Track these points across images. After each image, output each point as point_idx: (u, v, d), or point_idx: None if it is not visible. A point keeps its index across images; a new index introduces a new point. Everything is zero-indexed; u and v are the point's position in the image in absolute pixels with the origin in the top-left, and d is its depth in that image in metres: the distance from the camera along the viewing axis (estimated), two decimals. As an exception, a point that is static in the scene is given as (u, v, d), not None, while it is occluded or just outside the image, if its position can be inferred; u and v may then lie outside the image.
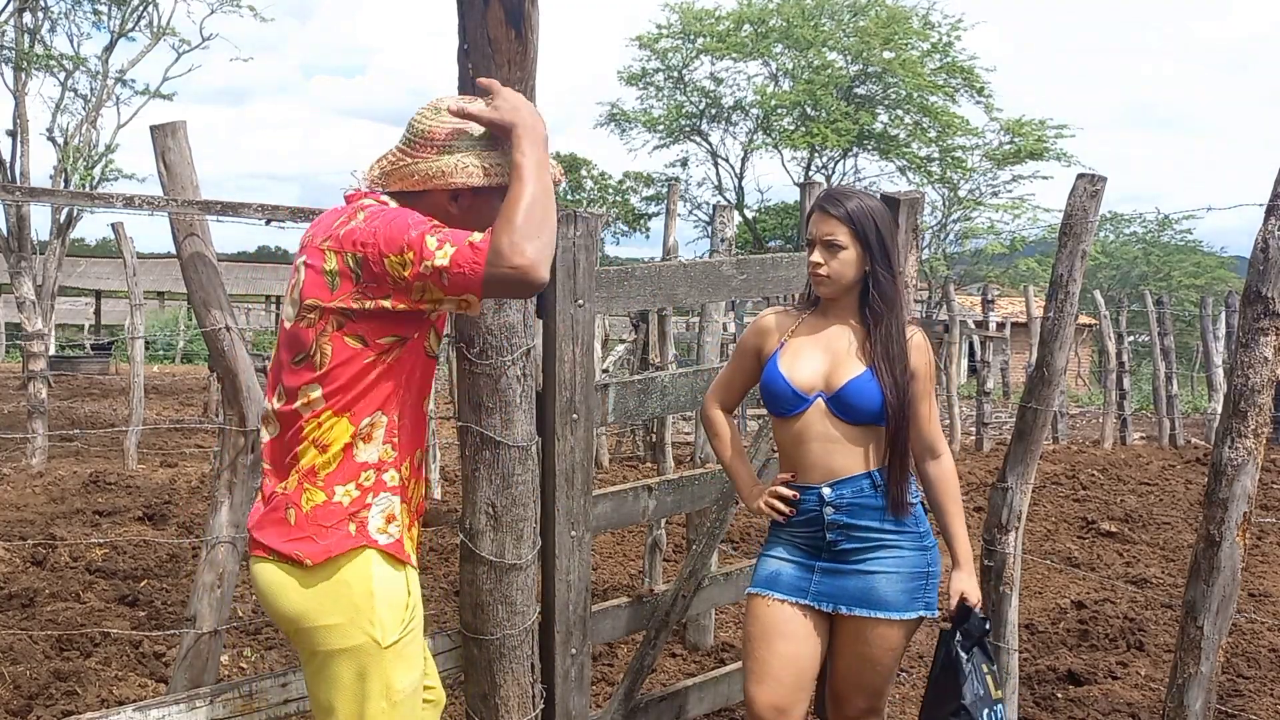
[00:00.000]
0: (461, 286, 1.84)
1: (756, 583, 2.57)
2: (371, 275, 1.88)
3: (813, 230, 2.50)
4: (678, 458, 8.61)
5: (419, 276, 1.85)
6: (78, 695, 3.82)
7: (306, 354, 1.97)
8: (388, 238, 1.85)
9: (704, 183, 29.77)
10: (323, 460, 1.97)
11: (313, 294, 1.95)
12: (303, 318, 1.96)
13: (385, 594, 1.98)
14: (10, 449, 9.56)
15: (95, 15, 19.56)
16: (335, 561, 1.96)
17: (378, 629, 1.97)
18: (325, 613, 1.96)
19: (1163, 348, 13.22)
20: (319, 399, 1.97)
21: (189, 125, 2.71)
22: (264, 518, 2.03)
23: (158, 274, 30.24)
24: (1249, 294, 2.45)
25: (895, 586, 2.48)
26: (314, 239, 1.99)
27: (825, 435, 2.48)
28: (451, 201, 1.99)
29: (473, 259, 1.82)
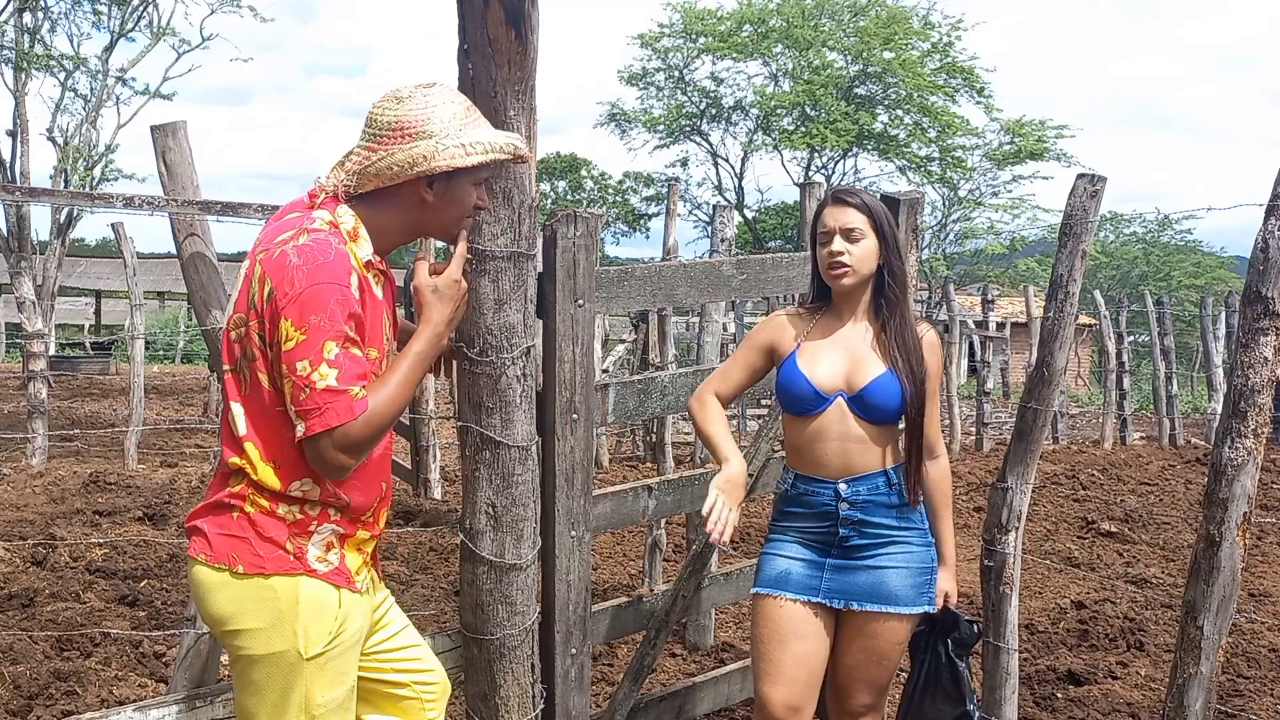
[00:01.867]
0: (307, 416, 1.79)
1: (764, 582, 2.57)
2: (269, 314, 1.83)
3: (829, 222, 2.50)
4: (678, 458, 8.61)
5: (290, 368, 1.79)
6: (78, 695, 3.82)
7: (233, 368, 1.91)
8: (304, 304, 1.78)
9: (704, 183, 29.86)
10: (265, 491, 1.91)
11: (242, 304, 1.89)
12: (233, 327, 1.90)
13: (312, 605, 1.93)
14: (10, 449, 9.56)
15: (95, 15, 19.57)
16: (265, 576, 1.92)
17: (300, 639, 1.92)
18: (249, 616, 1.92)
19: (1163, 348, 13.22)
20: (241, 422, 1.90)
21: (189, 125, 2.71)
22: (211, 504, 1.96)
23: (158, 274, 30.24)
24: (1249, 294, 2.45)
25: (905, 581, 2.52)
26: (260, 243, 1.92)
27: (844, 434, 2.49)
28: (427, 189, 1.94)
29: (333, 410, 1.79)
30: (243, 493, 1.93)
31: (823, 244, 2.53)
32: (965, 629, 2.62)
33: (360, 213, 1.95)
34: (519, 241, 2.50)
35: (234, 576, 1.92)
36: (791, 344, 2.58)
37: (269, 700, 1.95)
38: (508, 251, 2.49)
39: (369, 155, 1.91)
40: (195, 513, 1.99)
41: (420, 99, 1.92)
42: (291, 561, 1.92)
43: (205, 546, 1.94)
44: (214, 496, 1.97)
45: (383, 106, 1.94)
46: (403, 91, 1.95)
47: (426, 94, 1.93)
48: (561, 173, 39.33)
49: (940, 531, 2.61)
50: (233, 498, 1.93)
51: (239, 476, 1.93)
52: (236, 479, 1.94)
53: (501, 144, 1.95)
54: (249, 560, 1.91)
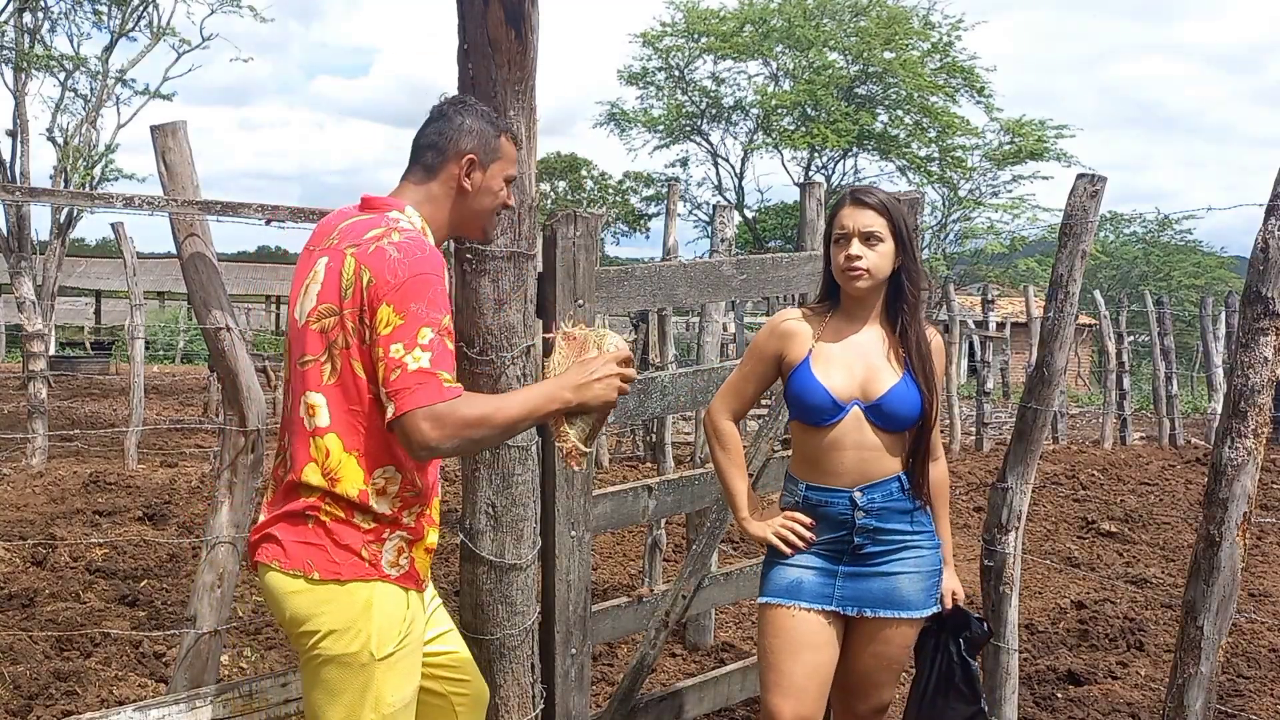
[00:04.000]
0: (398, 396, 1.84)
1: (775, 592, 2.50)
2: (367, 301, 1.90)
3: (847, 223, 2.43)
4: (678, 458, 8.61)
5: (384, 350, 1.86)
6: (78, 695, 3.82)
7: (315, 359, 1.96)
8: (408, 290, 1.87)
9: (704, 183, 29.80)
10: (338, 491, 1.96)
11: (329, 296, 1.95)
12: (317, 318, 1.96)
13: (384, 609, 2.00)
14: (10, 449, 9.55)
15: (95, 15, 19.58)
16: (341, 584, 1.98)
17: (373, 640, 1.98)
18: (324, 619, 1.97)
19: (1163, 348, 13.22)
20: (323, 414, 1.95)
21: (189, 125, 2.71)
22: (282, 514, 2.01)
23: (158, 274, 30.22)
24: (1249, 294, 2.45)
25: (916, 585, 2.49)
26: (340, 241, 2.00)
27: (859, 443, 2.44)
28: (466, 176, 2.09)
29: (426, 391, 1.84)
30: (316, 504, 1.98)
31: (839, 245, 2.46)
32: (977, 628, 2.63)
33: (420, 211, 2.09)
34: (519, 241, 2.50)
35: (309, 583, 1.97)
36: (802, 350, 2.49)
37: (342, 700, 2.00)
38: (507, 251, 2.50)
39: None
40: (265, 523, 2.04)
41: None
42: (367, 568, 1.98)
43: (280, 553, 1.99)
44: (285, 507, 2.01)
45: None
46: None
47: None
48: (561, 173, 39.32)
49: (941, 531, 2.60)
50: (308, 508, 1.98)
51: (309, 489, 1.97)
52: (308, 490, 1.98)
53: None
54: (324, 567, 1.97)
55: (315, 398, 1.95)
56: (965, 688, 2.60)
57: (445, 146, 2.09)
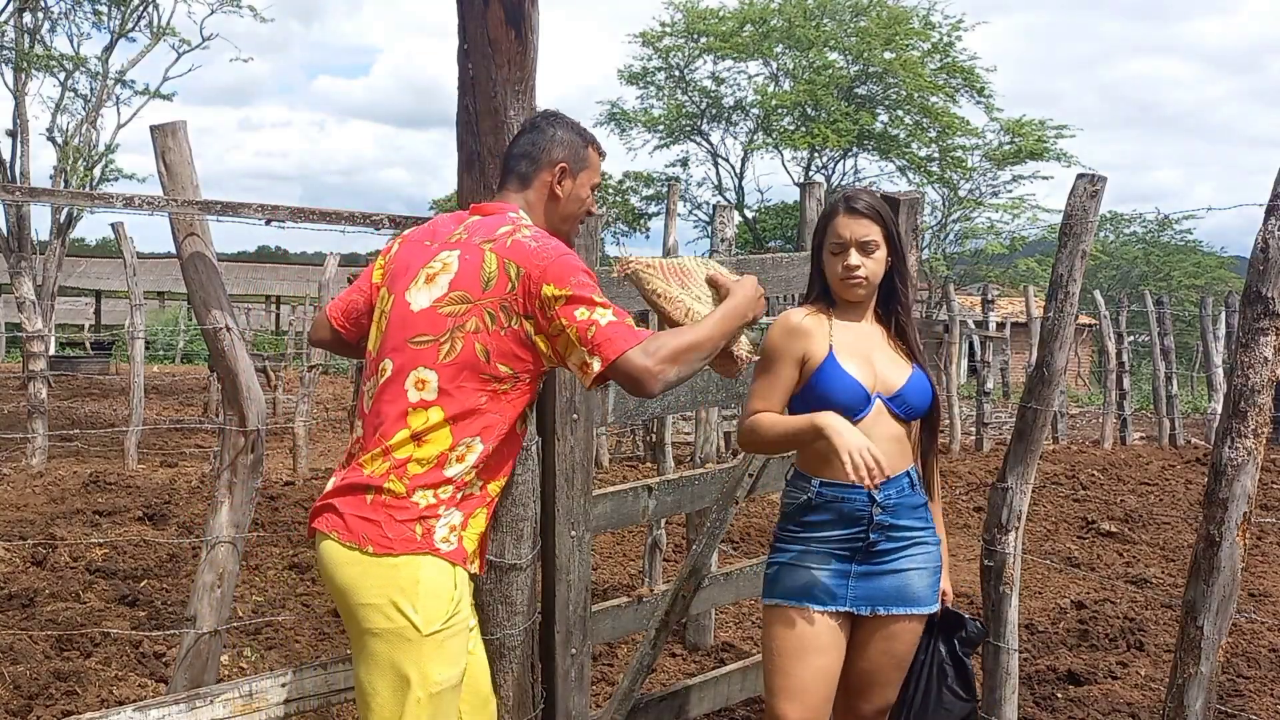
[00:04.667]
0: (602, 348, 2.00)
1: (787, 594, 2.46)
2: (525, 291, 2.04)
3: (844, 233, 2.44)
4: (678, 458, 8.61)
5: (569, 319, 2.02)
6: (78, 695, 3.82)
7: (434, 339, 2.07)
8: (559, 269, 2.04)
9: (704, 183, 29.78)
10: (415, 458, 2.05)
11: (464, 285, 2.08)
12: (444, 304, 2.08)
13: (431, 585, 2.05)
14: (10, 449, 9.56)
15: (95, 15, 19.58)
16: (394, 557, 2.04)
17: (420, 615, 2.04)
18: (373, 592, 2.04)
19: (1163, 348, 13.22)
20: (432, 388, 2.06)
21: (190, 125, 2.71)
22: (345, 485, 2.10)
23: (158, 274, 30.23)
24: (1249, 294, 2.45)
25: (925, 581, 2.51)
26: (469, 236, 2.14)
27: (880, 436, 2.42)
28: (559, 184, 2.25)
29: (626, 335, 2.01)
30: (382, 480, 2.06)
31: (834, 254, 2.46)
32: (973, 627, 2.64)
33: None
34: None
35: (363, 555, 2.05)
36: (823, 346, 2.47)
37: (388, 675, 2.06)
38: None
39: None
40: (329, 493, 2.13)
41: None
42: (419, 541, 2.05)
43: (340, 524, 2.08)
44: (349, 479, 2.10)
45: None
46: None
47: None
48: (561, 173, 39.11)
49: (939, 525, 2.61)
50: (371, 483, 2.07)
51: (381, 460, 2.07)
52: (378, 463, 2.07)
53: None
54: (379, 542, 2.04)
55: (427, 373, 2.07)
56: (960, 687, 2.61)
57: (539, 156, 2.24)
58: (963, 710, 2.60)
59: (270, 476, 8.42)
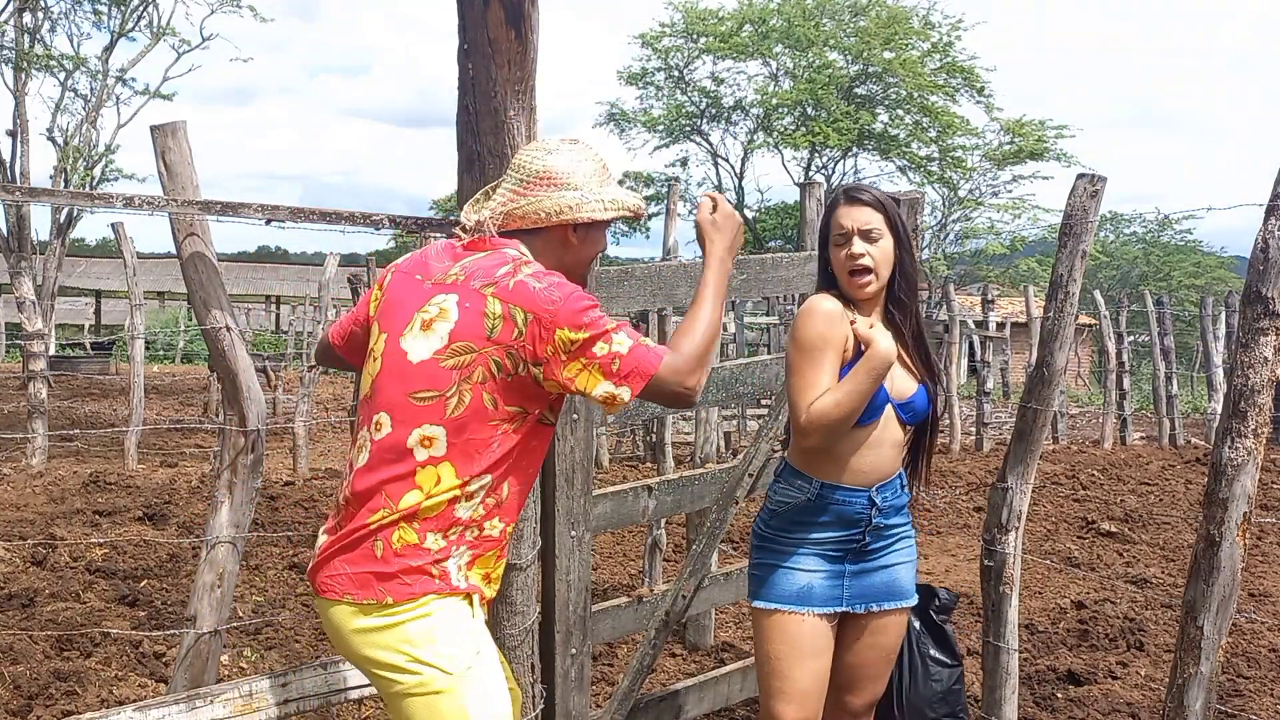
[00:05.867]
0: (630, 379, 1.95)
1: (785, 599, 2.44)
2: (535, 337, 1.95)
3: (845, 222, 2.39)
4: (678, 458, 8.61)
5: (589, 357, 1.95)
6: (78, 695, 3.82)
7: (439, 394, 1.98)
8: (571, 311, 1.95)
9: (704, 183, 29.78)
10: (426, 505, 1.98)
11: (467, 335, 1.98)
12: (447, 356, 1.98)
13: (449, 627, 1.98)
14: (10, 449, 9.56)
15: (95, 15, 19.58)
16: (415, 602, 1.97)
17: (444, 660, 1.96)
18: (394, 653, 1.97)
19: (1163, 348, 13.22)
20: (440, 444, 1.98)
21: (190, 125, 2.70)
22: (341, 548, 2.01)
23: (158, 274, 30.22)
24: (1249, 294, 2.45)
25: (910, 573, 2.55)
26: (466, 280, 2.02)
27: (884, 440, 2.43)
28: (573, 232, 2.11)
29: (648, 358, 1.96)
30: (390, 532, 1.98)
31: (838, 246, 2.41)
32: (944, 594, 2.74)
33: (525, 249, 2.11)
34: (519, 241, 2.49)
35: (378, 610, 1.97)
36: (851, 340, 2.39)
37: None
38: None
39: (516, 198, 2.10)
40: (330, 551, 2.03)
41: (567, 153, 2.12)
42: (437, 583, 1.98)
43: (350, 585, 1.99)
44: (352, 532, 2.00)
45: (532, 155, 2.12)
46: (551, 144, 2.14)
47: (572, 149, 2.13)
48: (561, 173, 39.10)
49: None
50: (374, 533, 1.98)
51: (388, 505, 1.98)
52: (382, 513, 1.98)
53: (631, 204, 2.16)
54: (398, 592, 1.96)
55: (434, 430, 1.98)
56: (943, 654, 2.68)
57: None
58: (951, 675, 2.67)
59: (270, 476, 8.42)
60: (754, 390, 3.36)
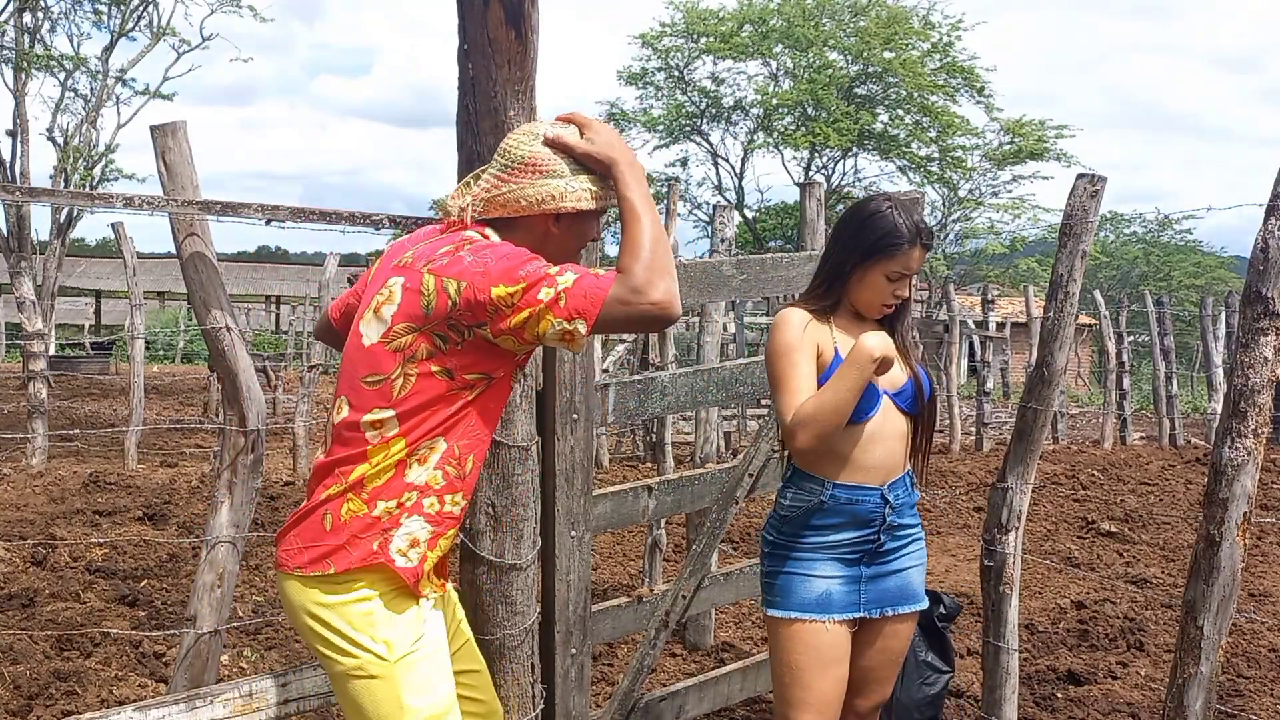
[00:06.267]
0: (578, 310, 1.84)
1: (804, 607, 2.42)
2: (468, 304, 1.89)
3: (911, 265, 2.41)
4: (678, 458, 8.61)
5: (533, 303, 1.85)
6: (78, 695, 3.82)
7: (385, 378, 1.96)
8: (502, 270, 1.87)
9: (704, 183, 29.81)
10: (372, 473, 1.96)
11: (407, 316, 1.95)
12: (391, 339, 1.96)
13: (387, 611, 1.96)
14: (10, 449, 9.56)
15: (95, 15, 19.59)
16: (353, 574, 1.95)
17: (380, 645, 1.95)
18: (333, 632, 1.96)
19: (1163, 348, 13.22)
20: (391, 423, 1.96)
21: (190, 125, 2.70)
22: (294, 521, 2.01)
23: (158, 274, 30.23)
24: (1249, 294, 2.45)
25: (921, 576, 2.55)
26: (413, 262, 1.99)
27: (889, 434, 2.43)
28: (555, 223, 2.03)
29: (597, 285, 1.85)
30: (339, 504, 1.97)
31: (892, 280, 2.42)
32: (949, 601, 2.74)
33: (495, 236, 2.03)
34: (519, 241, 2.49)
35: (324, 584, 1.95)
36: (829, 344, 2.44)
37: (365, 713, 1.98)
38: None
39: (499, 185, 2.02)
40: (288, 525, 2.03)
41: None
42: (375, 552, 1.95)
43: (300, 559, 1.98)
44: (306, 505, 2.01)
45: (519, 140, 2.03)
46: (538, 128, 2.04)
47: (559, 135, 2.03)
48: (561, 173, 39.04)
49: None
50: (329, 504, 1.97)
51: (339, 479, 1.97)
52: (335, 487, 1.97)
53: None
54: (340, 560, 1.94)
55: (384, 414, 1.96)
56: (938, 659, 2.70)
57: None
58: (943, 681, 2.69)
59: (270, 476, 8.43)
60: (754, 390, 3.36)
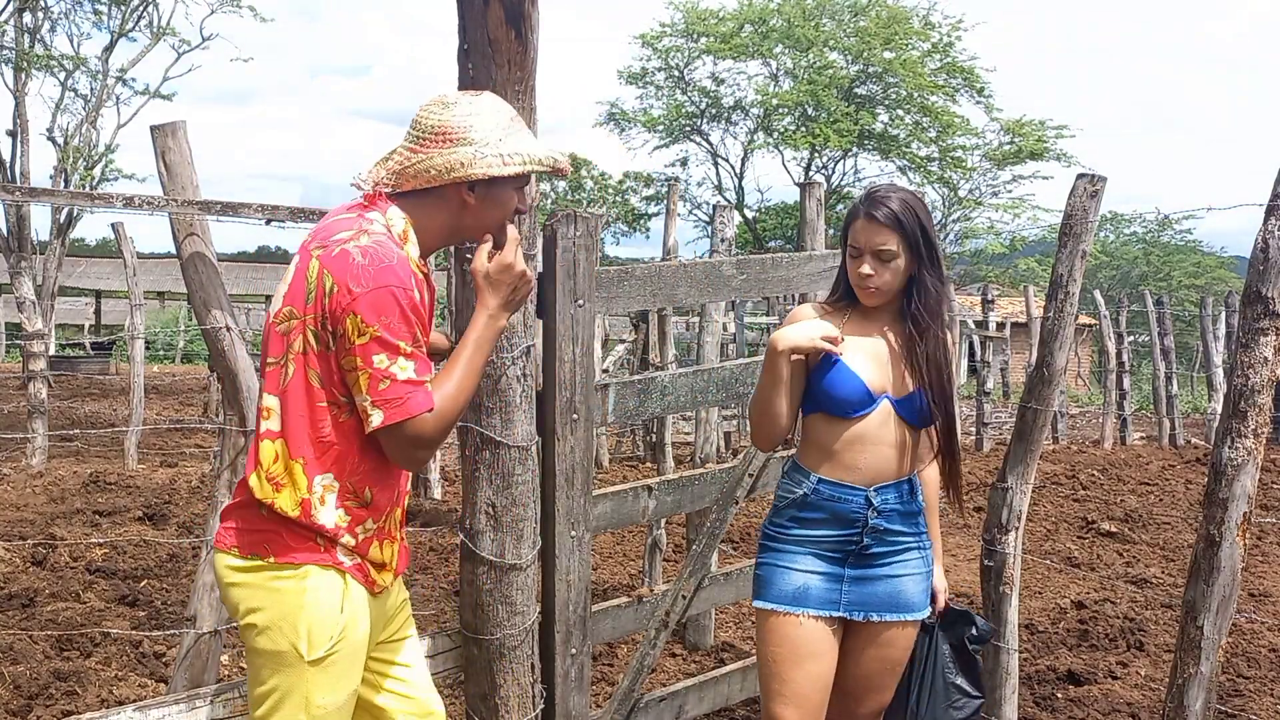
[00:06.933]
0: (388, 405, 1.82)
1: (780, 599, 2.43)
2: (332, 311, 1.84)
3: (860, 239, 2.38)
4: (678, 458, 8.61)
5: (365, 361, 1.82)
6: (78, 695, 3.82)
7: (276, 361, 1.92)
8: (368, 305, 1.81)
9: (704, 183, 29.82)
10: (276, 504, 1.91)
11: (292, 299, 1.90)
12: (279, 320, 1.91)
13: (316, 607, 1.93)
14: (10, 449, 9.56)
15: (95, 15, 19.59)
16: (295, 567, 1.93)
17: (303, 641, 1.92)
18: (258, 613, 1.94)
19: (1163, 348, 13.22)
20: (275, 419, 1.91)
21: (190, 125, 2.71)
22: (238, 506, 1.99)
23: (158, 274, 30.22)
24: (1249, 294, 2.45)
25: (918, 587, 2.48)
26: (312, 239, 1.94)
27: (883, 438, 2.40)
28: (469, 192, 1.96)
29: (419, 400, 1.84)
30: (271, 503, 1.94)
31: (852, 257, 2.41)
32: (982, 624, 2.64)
33: (408, 214, 1.98)
34: (519, 241, 2.49)
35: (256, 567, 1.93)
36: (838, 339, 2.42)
37: (269, 696, 1.97)
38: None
39: (410, 156, 1.95)
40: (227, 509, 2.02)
41: (465, 106, 1.95)
42: (321, 552, 1.94)
43: (238, 540, 1.95)
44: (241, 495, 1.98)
45: (429, 110, 1.97)
46: (450, 97, 1.98)
47: (472, 102, 1.97)
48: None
49: (932, 528, 2.57)
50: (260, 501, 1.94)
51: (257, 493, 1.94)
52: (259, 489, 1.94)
53: (540, 156, 1.98)
54: (280, 550, 1.92)
55: (271, 400, 1.91)
56: (968, 683, 2.60)
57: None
58: (972, 706, 2.60)
59: (270, 476, 8.40)
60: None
